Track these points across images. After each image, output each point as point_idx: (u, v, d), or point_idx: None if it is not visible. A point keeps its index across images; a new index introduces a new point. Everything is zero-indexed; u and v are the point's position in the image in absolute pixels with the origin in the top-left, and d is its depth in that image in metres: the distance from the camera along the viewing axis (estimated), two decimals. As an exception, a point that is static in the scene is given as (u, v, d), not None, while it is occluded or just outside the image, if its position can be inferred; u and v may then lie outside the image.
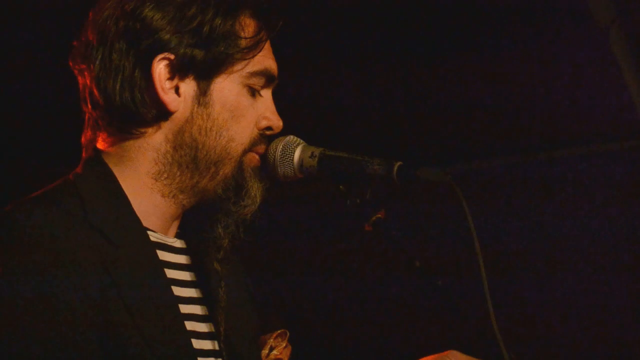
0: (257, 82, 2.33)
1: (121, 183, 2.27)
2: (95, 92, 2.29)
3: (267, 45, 2.36)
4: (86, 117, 2.33)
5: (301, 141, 2.38)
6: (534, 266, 4.31)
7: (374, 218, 2.28)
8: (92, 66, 2.28)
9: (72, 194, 2.21)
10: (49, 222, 2.11)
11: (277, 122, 2.37)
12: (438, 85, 4.30)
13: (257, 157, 2.35)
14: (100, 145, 2.31)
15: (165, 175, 2.29)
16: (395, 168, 2.27)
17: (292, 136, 2.39)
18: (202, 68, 2.28)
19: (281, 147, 2.37)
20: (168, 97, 2.27)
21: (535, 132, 4.41)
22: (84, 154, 2.33)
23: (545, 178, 4.43)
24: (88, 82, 2.30)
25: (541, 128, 4.40)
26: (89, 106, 2.31)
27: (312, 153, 2.35)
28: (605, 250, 4.34)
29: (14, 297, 2.05)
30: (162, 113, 2.28)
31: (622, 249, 4.32)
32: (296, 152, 2.36)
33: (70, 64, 2.33)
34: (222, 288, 2.35)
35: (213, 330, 2.35)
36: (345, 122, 4.29)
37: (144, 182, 2.28)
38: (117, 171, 2.28)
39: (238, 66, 2.30)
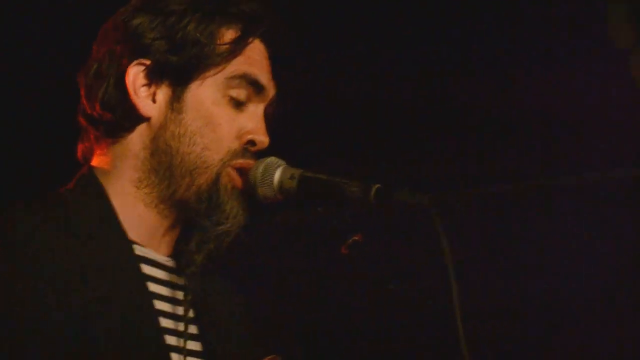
0: (239, 90, 2.33)
1: (109, 194, 2.30)
2: (84, 101, 2.35)
3: (255, 56, 2.36)
4: (82, 129, 2.38)
5: (282, 162, 2.37)
6: (510, 292, 4.25)
7: (350, 241, 2.26)
8: (85, 77, 2.35)
9: (57, 204, 2.24)
10: (27, 228, 2.14)
11: (260, 138, 2.36)
12: (436, 107, 4.27)
13: (238, 176, 2.34)
14: (93, 160, 2.35)
15: (145, 183, 2.31)
16: (373, 190, 2.25)
17: (273, 157, 2.38)
18: (175, 74, 2.31)
19: (262, 168, 2.36)
20: (140, 101, 2.30)
21: (547, 157, 4.36)
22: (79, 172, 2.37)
23: (545, 203, 4.38)
24: (82, 92, 2.36)
25: (554, 153, 4.34)
26: (80, 116, 2.36)
27: (292, 175, 2.34)
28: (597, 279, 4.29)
29: None
30: (137, 118, 2.31)
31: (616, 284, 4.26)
32: (276, 173, 2.35)
33: (77, 80, 2.39)
34: (187, 302, 2.33)
35: (200, 349, 2.34)
36: (336, 144, 4.28)
37: (128, 191, 2.30)
38: (105, 182, 2.31)
39: (212, 72, 2.31)
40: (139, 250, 2.30)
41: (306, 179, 2.33)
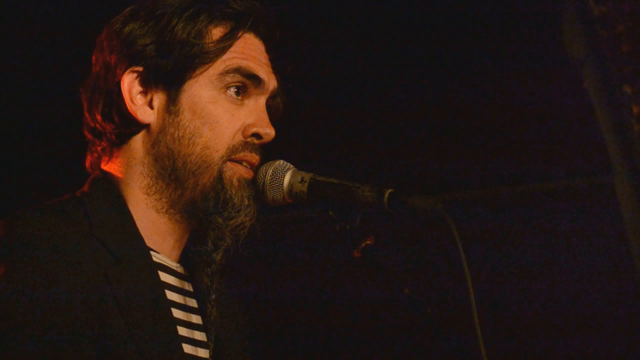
0: (236, 85, 2.32)
1: (126, 201, 2.28)
2: (87, 115, 2.34)
3: (248, 51, 2.35)
4: (88, 142, 2.37)
5: (291, 166, 2.37)
6: (525, 295, 4.33)
7: (363, 244, 2.27)
8: (85, 91, 2.35)
9: (78, 207, 2.22)
10: (54, 229, 2.12)
11: (264, 130, 2.34)
12: (416, 116, 4.33)
13: (245, 168, 2.33)
14: (104, 166, 2.33)
15: (154, 189, 2.30)
16: (387, 195, 2.26)
17: (281, 161, 2.38)
18: (168, 76, 2.30)
19: (271, 171, 2.36)
20: (137, 109, 2.29)
21: (504, 166, 4.43)
22: (91, 176, 2.35)
23: (515, 211, 4.45)
24: (84, 107, 2.35)
25: (511, 162, 4.42)
26: (85, 130, 2.36)
27: (302, 178, 2.34)
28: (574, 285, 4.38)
29: (14, 297, 2.04)
30: (136, 125, 2.30)
31: (590, 283, 4.35)
32: (286, 176, 2.35)
33: (81, 94, 2.38)
34: (210, 302, 2.34)
35: (208, 356, 2.34)
36: (340, 148, 4.31)
37: (139, 198, 2.30)
38: (120, 189, 2.30)
39: (202, 70, 2.30)
40: (155, 257, 2.29)
41: (317, 182, 2.33)
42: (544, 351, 4.34)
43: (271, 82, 2.38)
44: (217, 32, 2.32)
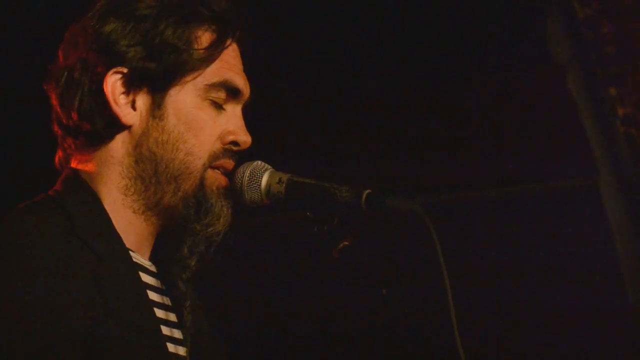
0: (218, 95, 2.32)
1: (102, 201, 2.27)
2: (59, 110, 2.30)
3: (231, 59, 2.35)
4: (58, 137, 2.34)
5: (269, 167, 2.37)
6: (505, 296, 4.33)
7: (341, 245, 2.27)
8: (56, 85, 2.30)
9: (57, 208, 2.20)
10: (40, 230, 2.11)
11: (243, 138, 2.35)
12: (399, 118, 4.34)
13: (222, 176, 2.34)
14: (75, 164, 2.31)
15: (132, 190, 2.28)
16: (364, 196, 2.26)
17: (259, 161, 2.38)
18: (155, 80, 2.28)
19: (249, 172, 2.35)
20: (121, 110, 2.27)
21: (487, 168, 4.43)
22: (62, 175, 2.33)
23: (500, 213, 4.45)
24: (54, 101, 2.30)
25: (494, 164, 4.42)
26: (56, 125, 2.32)
27: (280, 179, 2.34)
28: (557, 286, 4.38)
29: (7, 298, 2.03)
30: (118, 126, 2.28)
31: (574, 284, 4.36)
32: (264, 177, 2.35)
33: (45, 87, 2.34)
34: (186, 309, 2.34)
35: (185, 354, 2.35)
36: (318, 149, 4.31)
37: (116, 198, 2.28)
38: (94, 188, 2.28)
39: (191, 77, 2.29)
40: (134, 258, 2.28)
41: (294, 183, 2.33)
42: (524, 352, 4.34)
43: (247, 91, 2.39)
44: (204, 38, 2.32)
